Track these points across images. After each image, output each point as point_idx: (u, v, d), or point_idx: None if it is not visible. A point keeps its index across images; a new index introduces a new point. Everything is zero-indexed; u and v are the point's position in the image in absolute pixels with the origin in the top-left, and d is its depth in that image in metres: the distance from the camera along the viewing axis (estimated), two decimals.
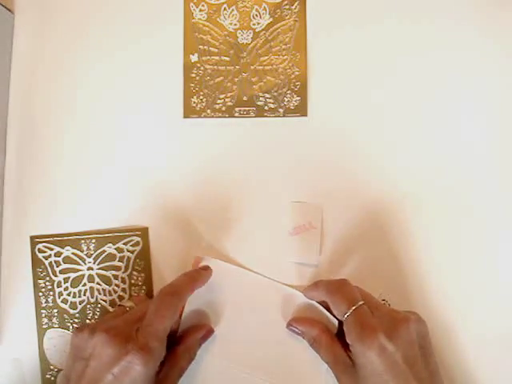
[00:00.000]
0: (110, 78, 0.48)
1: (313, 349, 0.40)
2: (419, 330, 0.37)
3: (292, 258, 0.45)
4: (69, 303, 0.46)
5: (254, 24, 0.47)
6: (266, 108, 0.47)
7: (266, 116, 0.47)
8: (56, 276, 0.46)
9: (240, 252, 0.45)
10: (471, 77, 0.46)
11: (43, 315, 0.46)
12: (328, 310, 0.40)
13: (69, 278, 0.46)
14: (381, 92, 0.47)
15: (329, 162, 0.46)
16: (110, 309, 0.46)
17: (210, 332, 0.41)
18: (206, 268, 0.42)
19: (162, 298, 0.37)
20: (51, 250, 0.46)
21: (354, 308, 0.36)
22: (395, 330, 0.35)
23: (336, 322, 0.40)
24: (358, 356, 0.35)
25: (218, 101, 0.47)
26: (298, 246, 0.45)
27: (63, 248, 0.46)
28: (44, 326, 0.46)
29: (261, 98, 0.47)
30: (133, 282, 0.46)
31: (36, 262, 0.46)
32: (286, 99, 0.47)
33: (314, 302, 0.41)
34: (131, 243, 0.46)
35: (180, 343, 0.39)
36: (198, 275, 0.41)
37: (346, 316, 0.36)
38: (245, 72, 0.47)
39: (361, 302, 0.37)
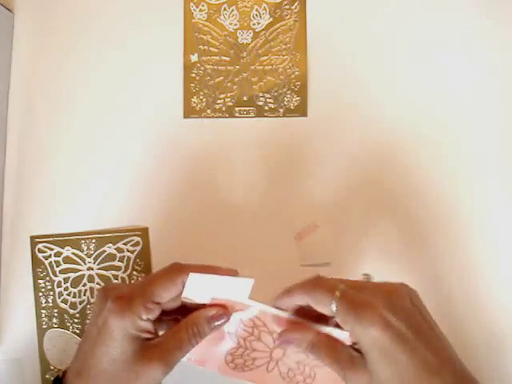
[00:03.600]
0: (110, 77, 0.48)
1: (313, 354, 0.36)
2: (412, 295, 0.34)
3: (303, 261, 0.45)
4: (69, 303, 0.46)
5: (254, 24, 0.47)
6: (265, 108, 0.47)
7: (266, 116, 0.47)
8: (56, 276, 0.46)
9: (241, 252, 0.45)
10: (475, 76, 0.47)
11: (43, 315, 0.46)
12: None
13: (69, 278, 0.46)
14: (381, 92, 0.47)
15: (329, 162, 0.46)
16: None
17: (223, 315, 0.36)
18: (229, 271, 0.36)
19: (170, 265, 0.35)
20: (51, 250, 0.46)
21: (338, 294, 0.33)
22: (392, 301, 0.33)
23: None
24: (362, 340, 0.32)
25: (218, 101, 0.47)
26: (307, 248, 0.45)
27: (63, 248, 0.46)
28: (44, 326, 0.46)
29: (261, 98, 0.47)
30: (133, 282, 0.46)
31: (36, 262, 0.46)
32: (286, 99, 0.47)
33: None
34: (131, 243, 0.46)
35: (186, 317, 0.36)
36: (211, 267, 0.36)
37: (334, 305, 0.33)
38: (245, 72, 0.47)
39: (342, 286, 0.34)
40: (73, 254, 0.46)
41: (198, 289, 0.36)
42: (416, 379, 0.32)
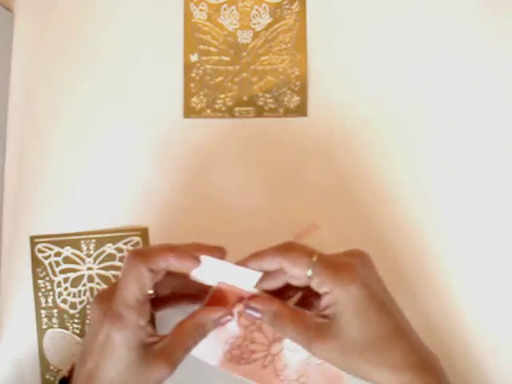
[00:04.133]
0: (110, 77, 0.48)
1: (275, 327, 0.35)
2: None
3: None
4: (69, 303, 0.46)
5: (253, 24, 0.47)
6: (265, 108, 0.47)
7: (266, 116, 0.47)
8: (56, 276, 0.46)
9: (240, 252, 0.45)
10: (475, 76, 0.47)
11: (43, 315, 0.46)
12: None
13: (68, 278, 0.46)
14: (381, 92, 0.47)
15: (329, 162, 0.46)
16: None
17: (228, 316, 0.37)
18: (198, 248, 0.37)
19: (126, 260, 0.34)
20: (51, 250, 0.46)
21: (316, 257, 0.34)
22: (365, 263, 0.35)
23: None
24: (340, 299, 0.33)
25: (218, 101, 0.47)
26: None
27: (63, 248, 0.46)
28: (44, 327, 0.46)
29: (261, 98, 0.47)
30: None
31: (36, 262, 0.46)
32: (286, 99, 0.47)
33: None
34: (131, 243, 0.46)
35: (190, 317, 0.36)
36: (178, 249, 0.36)
37: (311, 268, 0.34)
38: (245, 72, 0.47)
39: (319, 252, 0.35)
40: (72, 254, 0.46)
41: (207, 271, 0.36)
42: (384, 340, 0.33)
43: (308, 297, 0.38)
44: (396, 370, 0.32)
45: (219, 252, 0.37)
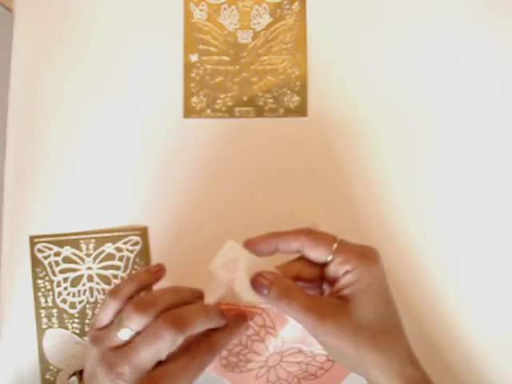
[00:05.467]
0: (109, 77, 0.48)
1: (283, 302, 0.33)
2: None
3: None
4: (68, 303, 0.46)
5: (253, 24, 0.47)
6: (266, 108, 0.47)
7: (266, 116, 0.47)
8: (55, 276, 0.46)
9: None
10: (475, 76, 0.47)
11: (43, 315, 0.46)
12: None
13: (68, 277, 0.46)
14: (381, 92, 0.47)
15: (329, 162, 0.46)
16: None
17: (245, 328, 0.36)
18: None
19: (157, 326, 0.32)
20: (50, 249, 0.46)
21: (339, 240, 0.34)
22: (379, 255, 0.35)
23: None
24: (363, 277, 0.33)
25: (218, 101, 0.47)
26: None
27: (62, 248, 0.46)
28: (43, 326, 0.46)
29: (261, 98, 0.47)
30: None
31: (35, 262, 0.46)
32: (286, 99, 0.47)
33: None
34: (130, 243, 0.46)
35: (204, 340, 0.34)
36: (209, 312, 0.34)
37: (333, 250, 0.33)
38: (245, 72, 0.47)
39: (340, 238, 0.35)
40: (72, 253, 0.46)
41: (229, 257, 0.35)
42: (393, 328, 0.33)
43: None
44: (401, 362, 0.32)
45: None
